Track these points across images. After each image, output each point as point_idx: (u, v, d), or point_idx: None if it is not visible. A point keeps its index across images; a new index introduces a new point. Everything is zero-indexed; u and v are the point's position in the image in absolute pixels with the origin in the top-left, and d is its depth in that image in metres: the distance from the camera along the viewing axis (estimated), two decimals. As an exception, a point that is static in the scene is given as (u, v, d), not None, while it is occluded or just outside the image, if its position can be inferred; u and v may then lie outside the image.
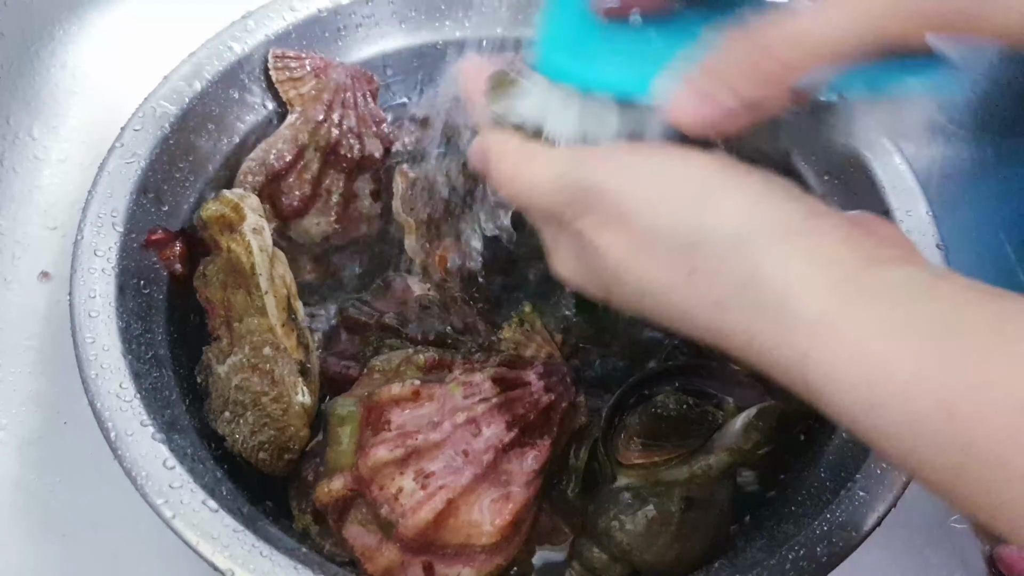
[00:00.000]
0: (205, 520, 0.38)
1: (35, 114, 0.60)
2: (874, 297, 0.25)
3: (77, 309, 0.43)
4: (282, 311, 0.45)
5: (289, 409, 0.43)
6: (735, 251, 0.27)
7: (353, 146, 0.53)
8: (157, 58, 0.53)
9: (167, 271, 0.48)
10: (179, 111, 0.50)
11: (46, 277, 0.55)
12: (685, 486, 0.42)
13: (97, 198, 0.46)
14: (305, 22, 0.55)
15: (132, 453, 0.40)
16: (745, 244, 0.27)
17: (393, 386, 0.42)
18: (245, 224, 0.45)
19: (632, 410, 0.45)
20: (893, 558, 0.50)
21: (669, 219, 0.29)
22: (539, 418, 0.42)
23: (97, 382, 0.41)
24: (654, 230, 0.29)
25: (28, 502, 0.48)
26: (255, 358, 0.44)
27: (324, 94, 0.53)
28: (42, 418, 0.51)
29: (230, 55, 0.52)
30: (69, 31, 0.63)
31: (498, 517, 0.40)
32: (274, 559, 0.38)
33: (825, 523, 0.41)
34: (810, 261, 0.27)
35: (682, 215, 0.28)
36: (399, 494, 0.40)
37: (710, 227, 0.28)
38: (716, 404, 0.45)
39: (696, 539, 0.43)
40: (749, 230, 0.27)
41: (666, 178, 0.29)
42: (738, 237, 0.27)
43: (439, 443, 0.40)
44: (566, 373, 0.45)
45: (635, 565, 0.43)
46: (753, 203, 0.28)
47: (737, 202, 0.28)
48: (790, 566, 0.40)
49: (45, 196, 0.58)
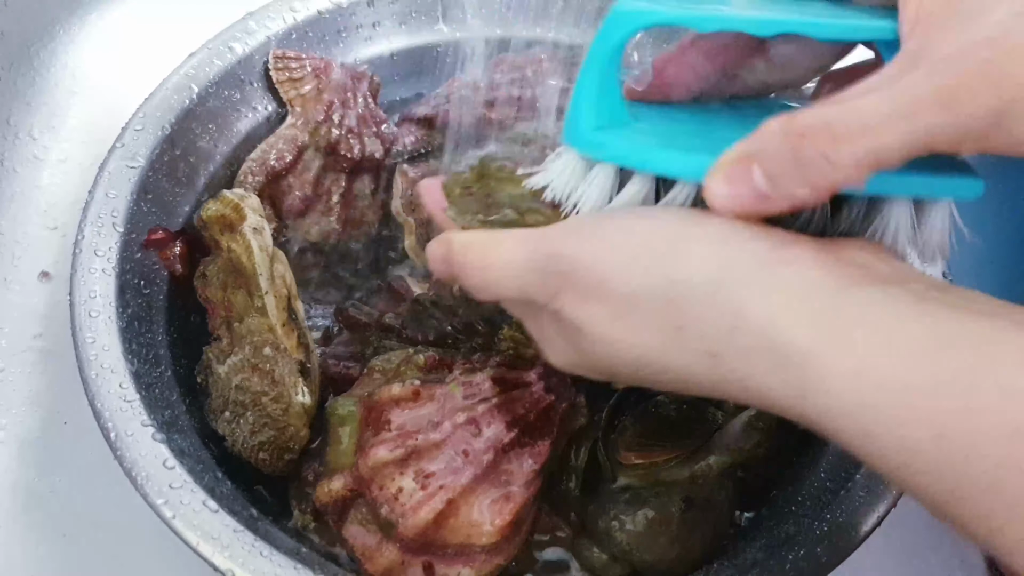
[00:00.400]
0: (205, 520, 0.38)
1: (35, 114, 0.60)
2: (856, 323, 0.25)
3: (77, 309, 0.43)
4: (282, 311, 0.45)
5: (289, 409, 0.43)
6: (715, 297, 0.27)
7: (353, 146, 0.53)
8: (157, 58, 0.53)
9: (167, 271, 0.48)
10: (179, 111, 0.50)
11: (46, 277, 0.55)
12: (685, 486, 0.42)
13: (97, 198, 0.46)
14: (305, 23, 0.55)
15: (132, 453, 0.40)
16: (722, 288, 0.27)
17: (393, 386, 0.42)
18: (245, 224, 0.45)
19: (632, 410, 0.45)
20: (893, 558, 0.50)
21: (643, 279, 0.28)
22: (539, 418, 0.42)
23: (97, 382, 0.41)
24: (632, 294, 0.28)
25: (28, 502, 0.48)
26: (255, 358, 0.44)
27: (324, 94, 0.53)
28: (42, 418, 0.51)
29: (230, 55, 0.53)
30: (69, 31, 0.63)
31: (498, 517, 0.40)
32: (274, 559, 0.38)
33: (825, 523, 0.41)
34: (787, 292, 0.26)
35: (654, 272, 0.28)
36: (399, 494, 0.40)
37: (684, 279, 0.28)
38: (716, 404, 0.45)
39: (696, 539, 0.43)
40: (722, 274, 0.27)
41: (633, 239, 0.29)
42: (713, 283, 0.27)
43: (439, 443, 0.40)
44: (566, 373, 0.45)
45: (635, 565, 0.43)
46: (720, 245, 0.28)
47: (704, 248, 0.28)
48: (790, 566, 0.40)
49: (45, 196, 0.58)
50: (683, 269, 0.28)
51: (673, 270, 0.28)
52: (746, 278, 0.27)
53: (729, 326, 0.27)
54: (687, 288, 0.27)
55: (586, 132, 0.31)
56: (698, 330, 0.27)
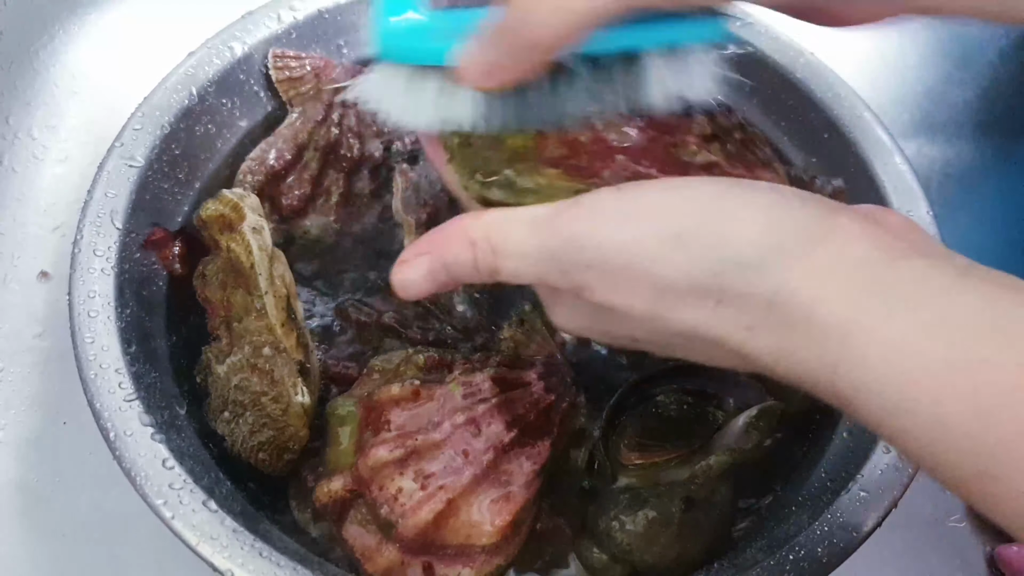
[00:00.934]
0: (205, 520, 0.38)
1: (35, 114, 0.60)
2: (901, 297, 0.25)
3: (76, 309, 0.43)
4: (281, 311, 0.45)
5: (289, 409, 0.43)
6: (758, 275, 0.27)
7: (353, 145, 0.53)
8: (157, 58, 0.53)
9: (167, 271, 0.48)
10: (179, 111, 0.50)
11: (45, 277, 0.55)
12: (686, 487, 0.42)
13: (96, 197, 0.46)
14: (305, 22, 0.55)
15: (131, 453, 0.40)
16: (768, 267, 0.27)
17: (393, 386, 0.42)
18: (245, 224, 0.45)
19: (632, 410, 0.45)
20: (893, 558, 0.50)
21: (686, 266, 0.28)
22: (539, 418, 0.42)
23: (96, 382, 0.41)
24: (672, 280, 0.28)
25: (28, 502, 0.48)
26: (255, 358, 0.44)
27: (324, 94, 0.53)
28: (42, 418, 0.51)
29: (230, 55, 0.52)
30: (69, 31, 0.63)
31: (498, 517, 0.40)
32: (274, 559, 0.38)
33: (825, 523, 0.41)
34: (834, 269, 0.26)
35: (697, 259, 0.28)
36: (399, 494, 0.40)
37: (729, 258, 0.27)
38: (716, 404, 0.45)
39: (696, 540, 0.42)
40: (769, 251, 0.27)
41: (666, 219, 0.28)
42: (760, 260, 0.27)
43: (439, 443, 0.40)
44: (566, 373, 0.45)
45: (635, 566, 0.43)
46: (767, 221, 0.28)
47: (750, 226, 0.27)
48: (791, 567, 0.40)
49: (45, 196, 0.58)
50: (729, 250, 0.27)
51: (718, 253, 0.27)
52: (795, 255, 0.27)
53: (767, 302, 0.27)
54: (734, 266, 0.27)
55: (376, 37, 0.33)
56: (736, 305, 0.28)
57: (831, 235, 0.27)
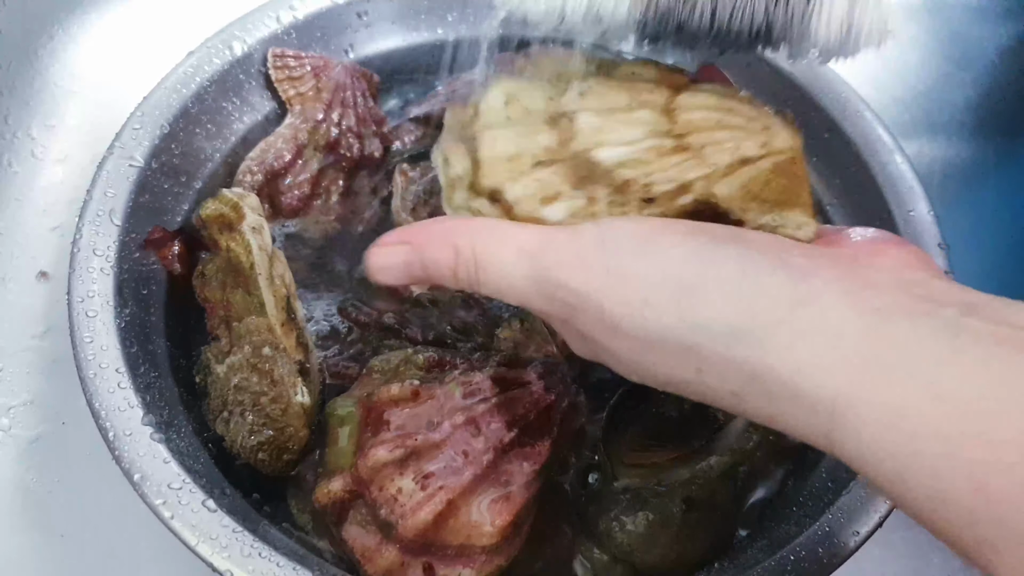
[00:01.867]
0: (204, 520, 0.38)
1: (34, 113, 0.60)
2: (887, 368, 0.24)
3: (75, 309, 0.43)
4: (281, 311, 0.45)
5: (288, 409, 0.43)
6: (734, 348, 0.26)
7: (352, 145, 0.53)
8: (157, 58, 0.53)
9: (166, 271, 0.48)
10: (178, 110, 0.50)
11: (45, 277, 0.55)
12: (686, 487, 0.42)
13: (96, 197, 0.46)
14: (305, 21, 0.55)
15: (131, 453, 0.39)
16: (743, 338, 0.26)
17: (392, 386, 0.42)
18: (244, 223, 0.45)
19: (633, 411, 0.45)
20: (893, 558, 0.50)
21: (658, 324, 0.27)
22: (539, 418, 0.42)
23: (95, 382, 0.41)
24: (648, 336, 0.28)
25: (27, 502, 0.48)
26: (254, 358, 0.44)
27: (323, 93, 0.53)
28: (41, 418, 0.51)
29: (229, 54, 0.52)
30: (69, 31, 0.63)
31: (498, 517, 0.40)
32: (273, 559, 0.38)
33: (826, 524, 0.41)
34: (812, 340, 0.25)
35: (670, 319, 0.27)
36: (399, 495, 0.40)
37: (702, 326, 0.27)
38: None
39: (697, 540, 0.42)
40: (742, 321, 0.26)
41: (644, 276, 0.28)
42: (733, 332, 0.26)
43: (439, 443, 0.40)
44: (566, 373, 0.45)
45: (636, 566, 0.43)
46: (738, 287, 0.27)
47: (720, 293, 0.27)
48: (791, 567, 0.40)
49: (44, 196, 0.58)
50: (701, 315, 0.27)
51: (690, 317, 0.27)
52: (767, 326, 0.26)
53: (750, 374, 0.26)
54: (706, 335, 0.27)
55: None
56: (718, 374, 0.27)
57: (805, 303, 0.26)
